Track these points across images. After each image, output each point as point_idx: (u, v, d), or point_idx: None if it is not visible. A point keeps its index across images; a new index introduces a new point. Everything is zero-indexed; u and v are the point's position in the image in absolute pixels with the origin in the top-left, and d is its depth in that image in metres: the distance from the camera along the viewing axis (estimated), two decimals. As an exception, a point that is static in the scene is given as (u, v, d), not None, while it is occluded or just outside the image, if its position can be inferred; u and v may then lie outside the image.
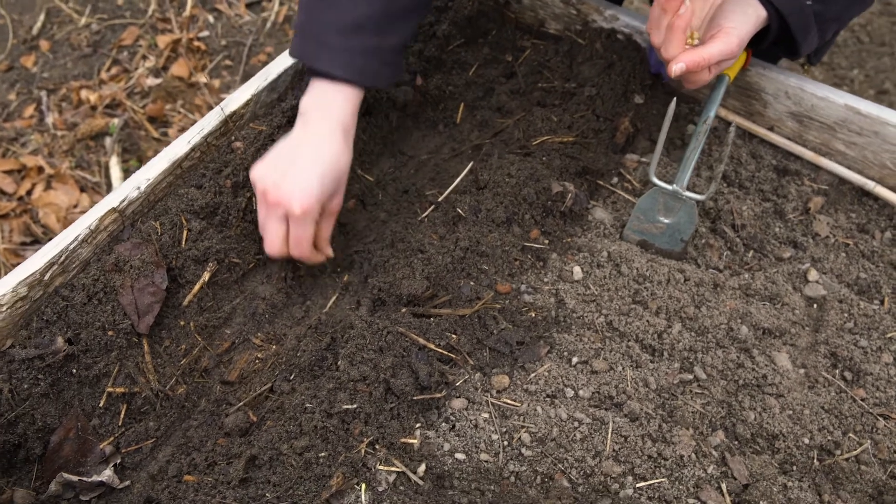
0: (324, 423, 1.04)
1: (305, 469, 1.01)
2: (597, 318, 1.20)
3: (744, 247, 1.32)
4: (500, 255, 1.23)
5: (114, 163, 2.48)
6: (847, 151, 1.39)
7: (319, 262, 1.26)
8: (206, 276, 1.19)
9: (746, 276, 1.28)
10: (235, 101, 1.30)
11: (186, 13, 2.90)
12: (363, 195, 1.38)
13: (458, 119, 1.52)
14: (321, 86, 1.22)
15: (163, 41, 2.81)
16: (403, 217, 1.33)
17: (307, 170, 1.16)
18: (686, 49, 1.18)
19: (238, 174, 1.27)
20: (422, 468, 1.04)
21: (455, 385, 1.11)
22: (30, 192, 2.39)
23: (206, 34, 2.88)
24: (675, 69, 1.17)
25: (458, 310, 1.17)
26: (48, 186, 2.40)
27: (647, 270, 1.26)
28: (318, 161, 1.17)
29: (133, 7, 2.92)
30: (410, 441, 1.06)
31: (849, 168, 1.39)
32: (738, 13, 1.20)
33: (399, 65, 1.29)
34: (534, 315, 1.20)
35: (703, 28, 1.21)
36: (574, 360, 1.16)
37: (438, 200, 1.31)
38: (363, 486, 1.01)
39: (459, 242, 1.23)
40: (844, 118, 1.36)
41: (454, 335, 1.15)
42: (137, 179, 1.18)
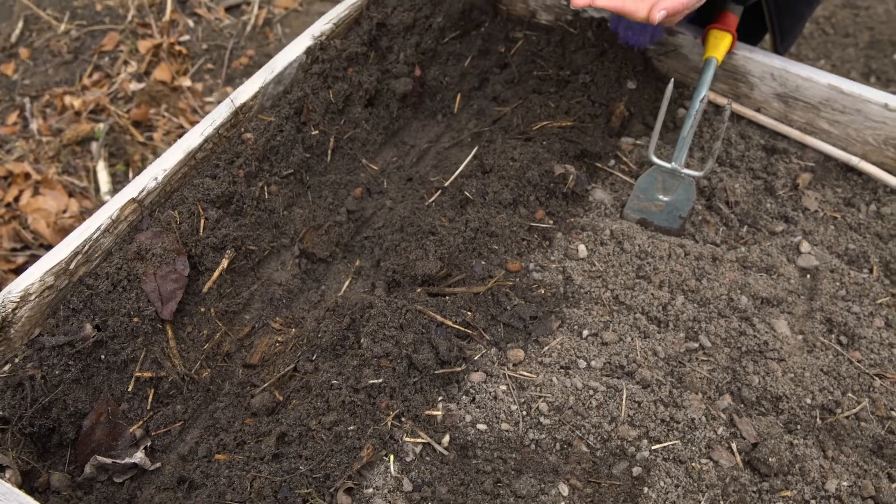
0: (351, 398, 1.07)
1: (336, 442, 1.04)
2: (603, 293, 1.25)
3: (738, 222, 1.38)
4: (509, 236, 1.28)
5: (101, 167, 2.48)
6: (831, 130, 1.45)
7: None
8: (225, 263, 1.22)
9: (743, 250, 1.34)
10: (244, 94, 1.33)
11: (166, 18, 2.91)
12: (368, 184, 1.42)
13: (456, 109, 1.56)
14: None
15: (144, 46, 2.82)
16: (410, 203, 1.36)
17: None
18: None
19: (250, 164, 1.30)
20: (446, 439, 1.08)
21: (473, 359, 1.15)
22: (17, 199, 2.39)
23: (187, 38, 2.90)
24: (658, 16, 1.20)
25: (472, 288, 1.21)
26: (36, 192, 2.40)
27: (649, 247, 1.31)
28: None
29: (112, 13, 2.92)
30: (434, 413, 1.09)
31: (833, 145, 1.45)
32: None
33: None
34: (543, 292, 1.24)
35: None
36: (584, 333, 1.20)
37: (445, 185, 1.35)
38: (392, 457, 1.05)
39: (469, 224, 1.27)
40: (828, 97, 1.42)
41: (469, 312, 1.19)
42: (154, 170, 1.21)
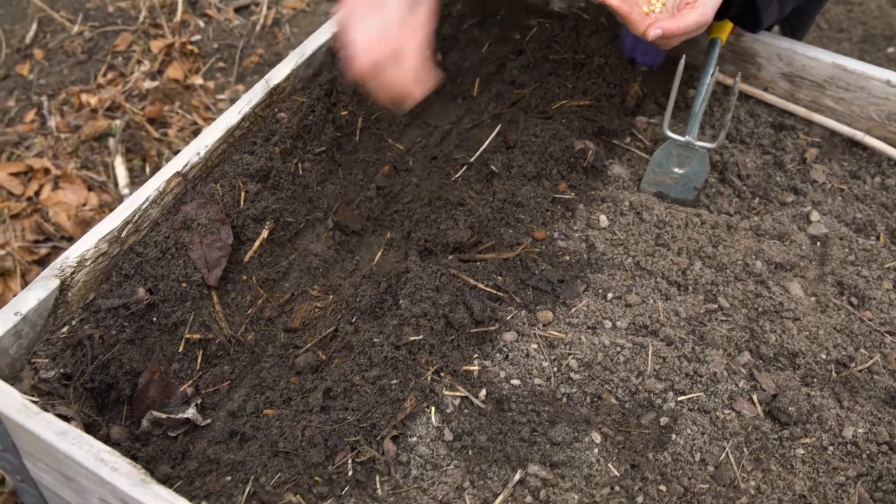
0: (393, 354, 1.13)
1: (380, 395, 1.10)
2: (625, 260, 1.31)
3: (751, 194, 1.45)
4: (534, 206, 1.34)
5: (118, 162, 2.54)
6: (836, 107, 1.52)
7: (419, 95, 1.12)
8: (265, 234, 1.28)
9: (756, 219, 1.40)
10: (278, 76, 1.39)
11: (177, 19, 2.97)
12: (395, 162, 1.48)
13: (475, 92, 1.62)
14: None
15: (156, 46, 2.88)
16: (437, 179, 1.43)
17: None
18: (666, 17, 1.28)
19: (285, 142, 1.36)
20: (482, 393, 1.14)
21: (505, 320, 1.21)
22: (38, 193, 2.44)
23: (198, 38, 2.95)
24: (652, 34, 1.25)
25: (501, 254, 1.27)
26: (56, 187, 2.45)
27: (667, 216, 1.37)
28: None
29: (124, 14, 2.98)
30: (471, 369, 1.15)
31: (839, 122, 1.52)
32: None
33: None
34: (568, 258, 1.30)
35: None
36: (609, 296, 1.27)
37: (471, 161, 1.42)
38: (433, 409, 1.11)
39: (497, 195, 1.33)
40: (832, 76, 1.49)
41: (500, 277, 1.25)
42: (197, 146, 1.27)
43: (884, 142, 1.49)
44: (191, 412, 1.12)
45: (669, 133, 1.39)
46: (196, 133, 2.71)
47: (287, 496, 1.02)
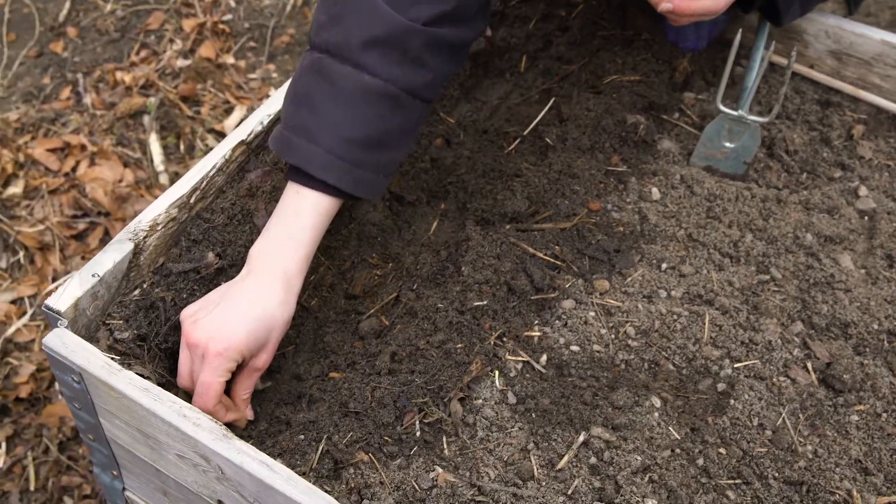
0: (458, 319, 1.16)
1: (446, 358, 1.12)
2: (678, 231, 1.33)
3: (798, 169, 1.46)
4: (588, 178, 1.36)
5: (153, 139, 2.56)
6: (883, 84, 1.54)
7: (230, 421, 1.12)
8: (326, 202, 1.30)
9: (805, 193, 1.42)
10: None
11: (208, -2, 3.00)
12: (447, 135, 1.50)
13: (522, 68, 1.64)
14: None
15: (188, 25, 2.90)
16: (490, 152, 1.45)
17: (234, 315, 1.08)
18: None
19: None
20: (543, 358, 1.16)
21: (563, 288, 1.23)
22: (74, 169, 2.47)
23: (230, 17, 2.97)
24: (664, 6, 1.25)
25: (558, 224, 1.29)
26: (92, 163, 2.48)
27: (717, 190, 1.39)
28: (250, 308, 1.09)
29: (155, -7, 3.01)
30: (532, 335, 1.18)
31: (886, 99, 1.54)
32: None
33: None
34: (622, 229, 1.32)
35: None
36: (663, 266, 1.29)
37: (524, 134, 1.44)
38: (497, 373, 1.13)
39: (553, 167, 1.35)
40: (880, 53, 1.51)
41: (557, 246, 1.27)
42: (260, 115, 1.29)
43: (930, 119, 1.51)
44: (258, 374, 1.15)
45: (722, 107, 1.41)
46: (228, 112, 2.74)
47: (359, 454, 1.05)
